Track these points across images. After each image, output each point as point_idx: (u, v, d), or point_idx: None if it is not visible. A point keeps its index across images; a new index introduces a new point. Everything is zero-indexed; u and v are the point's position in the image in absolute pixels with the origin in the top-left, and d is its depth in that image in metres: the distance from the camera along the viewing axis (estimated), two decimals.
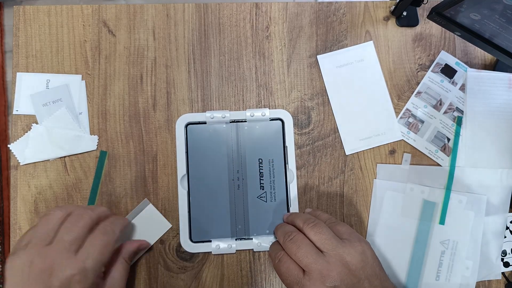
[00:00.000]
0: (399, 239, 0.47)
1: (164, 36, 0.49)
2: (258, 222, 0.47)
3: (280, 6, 0.50)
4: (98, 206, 0.42)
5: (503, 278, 0.48)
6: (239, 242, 0.46)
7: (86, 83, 0.48)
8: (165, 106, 0.48)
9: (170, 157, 0.47)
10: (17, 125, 0.47)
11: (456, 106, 0.50)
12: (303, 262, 0.37)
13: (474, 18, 0.39)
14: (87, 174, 0.47)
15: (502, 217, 0.48)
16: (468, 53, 0.51)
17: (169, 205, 0.47)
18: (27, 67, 0.47)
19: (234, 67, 0.49)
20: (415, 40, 0.51)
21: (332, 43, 0.50)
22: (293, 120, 0.48)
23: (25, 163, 0.46)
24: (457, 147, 0.49)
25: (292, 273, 0.38)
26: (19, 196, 0.46)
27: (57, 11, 0.48)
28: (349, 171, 0.49)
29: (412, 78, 0.50)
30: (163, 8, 0.49)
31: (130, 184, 0.47)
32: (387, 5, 0.51)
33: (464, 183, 0.48)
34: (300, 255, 0.38)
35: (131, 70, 0.48)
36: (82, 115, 0.47)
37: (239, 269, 0.47)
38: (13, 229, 0.46)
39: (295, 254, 0.38)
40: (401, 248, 0.47)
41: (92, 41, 0.48)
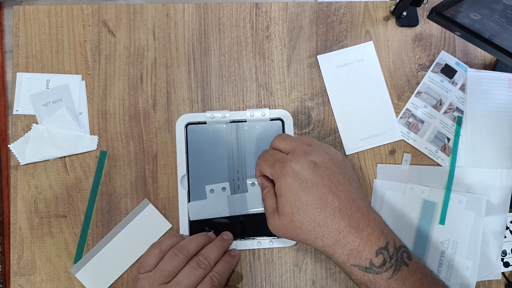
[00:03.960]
0: None
1: (164, 36, 0.49)
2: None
3: (280, 6, 0.50)
4: (217, 246, 0.43)
5: (503, 278, 0.48)
6: (239, 242, 0.46)
7: (86, 83, 0.48)
8: (165, 106, 0.48)
9: (170, 157, 0.47)
10: (17, 125, 0.47)
11: (456, 106, 0.50)
12: (288, 146, 0.40)
13: (474, 18, 0.39)
14: (87, 174, 0.47)
15: (502, 217, 0.48)
16: (468, 53, 0.51)
17: (169, 205, 0.47)
18: (27, 67, 0.47)
19: (234, 67, 0.49)
20: (415, 40, 0.51)
21: (332, 43, 0.50)
22: (293, 120, 0.48)
23: (25, 163, 0.46)
24: (457, 147, 0.49)
25: (276, 155, 0.40)
26: (19, 196, 0.46)
27: (57, 11, 0.48)
28: None
29: (412, 78, 0.50)
30: (163, 8, 0.49)
31: (130, 184, 0.47)
32: (387, 5, 0.51)
33: (464, 183, 0.48)
34: (286, 142, 0.41)
35: (131, 70, 0.48)
36: (82, 115, 0.47)
37: (239, 269, 0.47)
38: (13, 229, 0.46)
39: (280, 143, 0.41)
40: None
41: (92, 41, 0.48)
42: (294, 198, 0.37)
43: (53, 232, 0.46)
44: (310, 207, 0.37)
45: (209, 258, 0.41)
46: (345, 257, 0.36)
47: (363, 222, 0.36)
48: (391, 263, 0.36)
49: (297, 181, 0.37)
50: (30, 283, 0.45)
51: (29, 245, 0.45)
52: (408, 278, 0.36)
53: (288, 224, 0.38)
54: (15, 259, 0.45)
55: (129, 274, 0.45)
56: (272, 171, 0.40)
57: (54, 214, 0.46)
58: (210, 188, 0.46)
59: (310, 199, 0.37)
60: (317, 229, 0.37)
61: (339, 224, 0.36)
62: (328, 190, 0.37)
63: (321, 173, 0.37)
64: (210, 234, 0.45)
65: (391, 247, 0.36)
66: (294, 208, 0.37)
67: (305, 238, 0.38)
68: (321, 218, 0.36)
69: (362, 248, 0.36)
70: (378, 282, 0.35)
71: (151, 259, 0.40)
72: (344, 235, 0.36)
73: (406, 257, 0.37)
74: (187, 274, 0.39)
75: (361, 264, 0.36)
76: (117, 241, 0.46)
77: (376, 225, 0.37)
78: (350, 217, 0.36)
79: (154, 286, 0.39)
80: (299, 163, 0.38)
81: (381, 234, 0.36)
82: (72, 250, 0.46)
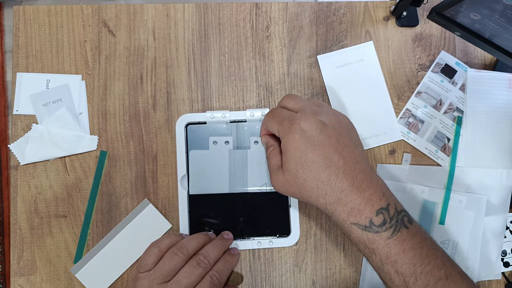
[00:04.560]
0: None
1: (164, 36, 0.49)
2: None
3: (280, 6, 0.50)
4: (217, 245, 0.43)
5: (503, 278, 0.48)
6: (239, 242, 0.46)
7: (86, 83, 0.48)
8: (165, 106, 0.48)
9: (170, 157, 0.47)
10: (17, 125, 0.47)
11: (456, 106, 0.50)
12: (298, 105, 0.40)
13: (474, 18, 0.39)
14: (87, 174, 0.47)
15: (502, 217, 0.48)
16: (468, 53, 0.51)
17: (169, 205, 0.47)
18: (27, 67, 0.47)
19: (234, 67, 0.49)
20: (415, 40, 0.51)
21: (332, 43, 0.50)
22: None
23: (25, 163, 0.46)
24: (457, 147, 0.49)
25: (285, 113, 0.40)
26: (19, 196, 0.46)
27: (57, 11, 0.48)
28: None
29: (412, 78, 0.50)
30: (163, 8, 0.49)
31: (130, 184, 0.47)
32: (387, 5, 0.51)
33: (464, 183, 0.48)
34: (296, 101, 0.40)
35: (131, 70, 0.48)
36: (82, 115, 0.47)
37: (239, 269, 0.47)
38: (13, 229, 0.46)
39: (289, 102, 0.41)
40: None
41: (92, 41, 0.48)
42: (300, 155, 0.37)
43: (53, 232, 0.46)
44: (315, 165, 0.37)
45: (208, 257, 0.41)
46: (346, 215, 0.36)
47: (365, 183, 0.37)
48: (391, 223, 0.36)
49: (304, 138, 0.37)
50: (30, 283, 0.45)
51: (29, 245, 0.45)
52: (408, 240, 0.36)
53: (292, 180, 0.38)
54: (15, 259, 0.45)
55: (129, 274, 0.45)
56: (279, 128, 0.40)
57: (54, 214, 0.46)
58: (213, 140, 0.46)
59: (316, 157, 0.37)
60: (320, 187, 0.37)
61: (342, 182, 0.36)
62: (334, 150, 0.37)
63: (329, 133, 0.38)
64: (210, 234, 0.45)
65: (392, 208, 0.36)
66: (299, 165, 0.38)
67: (307, 195, 0.38)
68: (325, 176, 0.37)
69: (363, 207, 0.36)
70: (376, 241, 0.36)
71: (150, 258, 0.40)
72: (346, 194, 0.36)
73: (407, 220, 0.37)
74: (187, 273, 0.39)
75: (361, 223, 0.36)
76: (117, 241, 0.46)
77: (379, 187, 0.37)
78: (353, 177, 0.37)
79: (153, 285, 0.39)
80: (308, 122, 0.38)
81: (382, 195, 0.37)
82: (72, 250, 0.46)
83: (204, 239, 0.43)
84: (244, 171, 0.46)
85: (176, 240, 0.42)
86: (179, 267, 0.40)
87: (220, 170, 0.46)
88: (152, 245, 0.41)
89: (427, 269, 0.35)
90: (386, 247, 0.36)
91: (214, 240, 0.43)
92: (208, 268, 0.41)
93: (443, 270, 0.36)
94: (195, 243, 0.42)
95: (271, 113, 0.42)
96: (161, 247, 0.41)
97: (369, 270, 0.47)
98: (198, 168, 0.46)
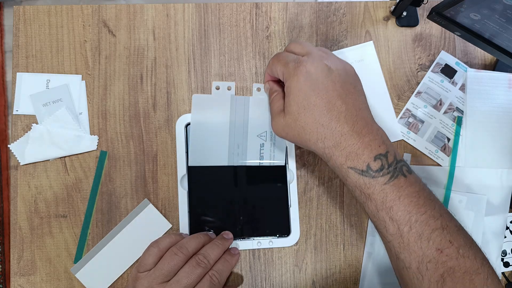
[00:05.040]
0: None
1: (164, 36, 0.49)
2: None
3: (280, 6, 0.50)
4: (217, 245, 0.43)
5: (503, 278, 0.48)
6: (239, 242, 0.46)
7: (86, 83, 0.48)
8: (165, 106, 0.48)
9: (170, 157, 0.47)
10: (17, 125, 0.47)
11: (456, 106, 0.50)
12: (305, 49, 0.40)
13: (474, 18, 0.39)
14: (87, 174, 0.47)
15: (502, 217, 0.48)
16: (468, 53, 0.51)
17: (169, 205, 0.47)
18: (27, 67, 0.47)
19: (234, 67, 0.49)
20: (415, 40, 0.51)
21: (332, 43, 0.50)
22: None
23: (25, 163, 0.46)
24: (457, 147, 0.49)
25: (291, 56, 0.40)
26: (19, 196, 0.46)
27: (57, 11, 0.48)
28: None
29: (412, 78, 0.50)
30: (163, 8, 0.49)
31: (130, 184, 0.47)
32: (387, 5, 0.51)
33: (464, 183, 0.48)
34: (302, 46, 0.40)
35: (131, 70, 0.48)
36: (82, 115, 0.47)
37: (239, 269, 0.47)
38: (13, 229, 0.46)
39: (296, 47, 0.41)
40: None
41: (92, 41, 0.48)
42: (303, 97, 0.37)
43: (53, 232, 0.46)
44: (317, 109, 0.37)
45: (208, 257, 0.41)
46: (343, 159, 0.36)
47: (366, 129, 0.36)
48: (388, 170, 0.35)
49: (309, 81, 0.37)
50: (30, 283, 0.45)
51: (29, 245, 0.45)
52: (404, 187, 0.35)
53: (292, 123, 0.38)
54: (15, 259, 0.45)
55: (129, 274, 0.45)
56: (284, 70, 0.39)
57: (54, 214, 0.46)
58: (216, 85, 0.46)
59: (319, 101, 0.37)
60: (320, 130, 0.37)
61: (343, 127, 0.36)
62: (337, 95, 0.37)
63: (334, 78, 0.38)
64: (210, 234, 0.45)
65: (391, 156, 0.36)
66: (301, 107, 0.37)
67: (307, 139, 0.38)
68: (326, 120, 0.37)
69: (361, 152, 0.36)
70: (372, 186, 0.35)
71: (150, 258, 0.40)
72: (345, 138, 0.36)
73: (406, 170, 0.36)
74: (187, 273, 0.39)
75: (358, 167, 0.36)
76: (117, 241, 0.46)
77: (379, 135, 0.37)
78: (354, 123, 0.36)
79: (153, 285, 0.39)
80: (314, 65, 0.38)
81: (382, 143, 0.36)
82: (72, 250, 0.46)
83: (204, 239, 0.43)
84: (245, 119, 0.46)
85: (176, 240, 0.42)
86: (179, 267, 0.40)
87: (221, 118, 0.46)
88: (152, 245, 0.41)
89: (422, 218, 0.34)
90: (382, 192, 0.35)
91: (214, 240, 0.43)
92: (208, 268, 0.41)
93: (439, 220, 0.35)
94: (195, 243, 0.42)
95: (277, 56, 0.41)
96: (161, 247, 0.41)
97: (369, 270, 0.47)
98: (200, 116, 0.46)
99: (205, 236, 0.43)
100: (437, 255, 0.34)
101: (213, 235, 0.45)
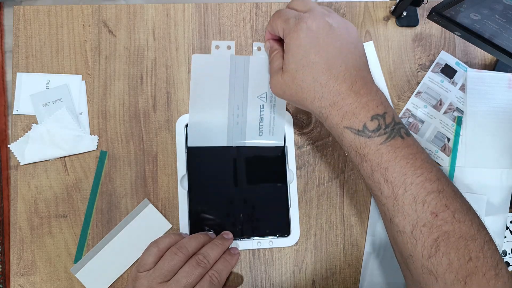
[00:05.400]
0: None
1: (164, 36, 0.49)
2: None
3: (280, 6, 0.50)
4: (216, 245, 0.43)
5: None
6: (239, 242, 0.46)
7: (86, 83, 0.48)
8: (165, 106, 0.48)
9: (170, 157, 0.47)
10: (17, 125, 0.47)
11: (456, 106, 0.50)
12: (307, 6, 0.39)
13: (474, 18, 0.39)
14: (87, 174, 0.46)
15: (502, 217, 0.48)
16: (468, 53, 0.51)
17: (169, 205, 0.47)
18: (27, 67, 0.47)
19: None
20: (415, 40, 0.51)
21: None
22: (293, 120, 0.48)
23: (25, 163, 0.46)
24: (457, 147, 0.49)
25: (292, 13, 0.39)
26: (19, 196, 0.46)
27: (57, 11, 0.48)
28: (349, 171, 0.49)
29: (412, 78, 0.50)
30: (163, 8, 0.49)
31: (130, 184, 0.47)
32: (387, 5, 0.51)
33: (464, 183, 0.48)
34: (305, 3, 0.39)
35: (131, 70, 0.48)
36: (82, 115, 0.47)
37: (239, 269, 0.47)
38: (13, 229, 0.46)
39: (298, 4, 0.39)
40: None
41: (92, 41, 0.48)
42: (302, 55, 0.36)
43: (53, 232, 0.46)
44: (316, 67, 0.36)
45: (208, 257, 0.41)
46: (339, 119, 0.35)
47: (364, 90, 0.35)
48: (385, 130, 0.34)
49: (309, 38, 0.36)
50: (30, 283, 0.45)
51: (29, 245, 0.45)
52: (401, 148, 0.34)
53: (290, 81, 0.37)
54: (15, 259, 0.45)
55: (129, 274, 0.45)
56: (285, 26, 0.39)
57: (54, 214, 0.46)
58: (216, 44, 0.46)
59: (318, 58, 0.36)
60: (317, 89, 0.36)
61: (341, 86, 0.35)
62: (338, 54, 0.36)
63: (335, 36, 0.37)
64: (210, 234, 0.45)
65: (389, 117, 0.35)
66: (299, 65, 0.37)
67: (303, 98, 0.37)
68: (324, 79, 0.36)
69: (358, 111, 0.35)
70: (368, 146, 0.34)
71: (150, 257, 0.40)
72: (342, 97, 0.35)
73: (404, 132, 0.35)
74: (186, 273, 0.39)
75: (354, 127, 0.35)
76: (117, 241, 0.46)
77: (378, 96, 0.36)
78: (353, 82, 0.35)
79: (153, 285, 0.39)
80: (315, 21, 0.37)
81: (380, 103, 0.35)
82: (72, 250, 0.46)
83: (204, 239, 0.43)
84: (245, 80, 0.45)
85: (175, 240, 0.42)
86: (179, 266, 0.40)
87: (221, 78, 0.45)
88: (152, 245, 0.41)
89: (418, 180, 0.33)
90: (378, 152, 0.34)
91: (214, 239, 0.43)
92: (208, 268, 0.41)
93: (435, 184, 0.33)
94: (195, 242, 0.42)
95: (278, 12, 0.41)
96: (161, 247, 0.41)
97: (369, 270, 0.47)
98: (199, 76, 0.45)
99: (205, 236, 0.43)
100: (431, 218, 0.32)
101: (213, 235, 0.45)
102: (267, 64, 0.46)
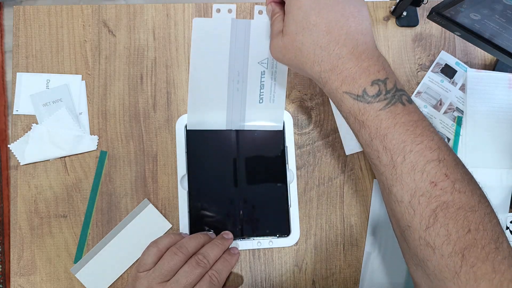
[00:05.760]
0: None
1: (164, 36, 0.49)
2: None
3: None
4: (216, 245, 0.43)
5: None
6: (239, 242, 0.46)
7: (86, 83, 0.48)
8: (165, 106, 0.48)
9: (170, 157, 0.47)
10: (17, 125, 0.47)
11: (456, 106, 0.50)
12: None
13: (474, 18, 0.39)
14: (87, 174, 0.47)
15: (502, 217, 0.48)
16: (468, 53, 0.51)
17: (169, 205, 0.47)
18: (27, 67, 0.47)
19: None
20: (415, 40, 0.51)
21: None
22: (293, 120, 0.48)
23: (25, 163, 0.46)
24: (457, 147, 0.49)
25: None
26: (19, 196, 0.46)
27: (57, 11, 0.48)
28: (349, 171, 0.49)
29: (412, 78, 0.50)
30: (163, 8, 0.49)
31: (130, 184, 0.47)
32: (387, 5, 0.51)
33: None
34: None
35: (131, 70, 0.48)
36: (82, 115, 0.47)
37: (239, 269, 0.47)
38: (13, 229, 0.46)
39: None
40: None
41: (92, 41, 0.48)
42: (302, 16, 0.35)
43: (53, 232, 0.46)
44: (316, 29, 0.35)
45: (208, 257, 0.41)
46: (339, 84, 0.34)
47: (366, 54, 0.34)
48: (386, 96, 0.33)
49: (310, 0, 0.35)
50: (30, 283, 0.45)
51: (29, 245, 0.45)
52: (401, 115, 0.32)
53: (289, 44, 0.36)
54: (15, 259, 0.45)
55: (129, 274, 0.45)
56: None
57: (54, 214, 0.46)
58: (217, 8, 0.44)
59: (319, 20, 0.35)
60: (317, 53, 0.35)
61: (341, 50, 0.34)
62: (340, 16, 0.35)
63: None
64: (210, 234, 0.45)
65: (390, 83, 0.33)
66: (299, 27, 0.35)
67: (303, 62, 0.36)
68: (325, 42, 0.34)
69: (358, 76, 0.33)
70: (367, 111, 0.33)
71: (150, 257, 0.40)
72: (343, 62, 0.34)
73: (406, 99, 0.33)
74: (186, 272, 0.39)
75: (353, 92, 0.33)
76: (117, 241, 0.46)
77: (380, 61, 0.34)
78: (354, 47, 0.34)
79: (153, 285, 0.39)
80: None
81: (382, 69, 0.34)
82: (72, 250, 0.46)
83: (203, 239, 0.43)
84: (246, 44, 0.44)
85: (175, 240, 0.42)
86: (179, 266, 0.40)
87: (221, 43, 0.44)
88: (152, 245, 0.41)
89: (417, 148, 0.31)
90: (377, 118, 0.33)
91: (214, 239, 0.43)
92: (208, 268, 0.41)
93: (436, 152, 0.31)
94: (194, 242, 0.42)
95: None
96: (161, 247, 0.41)
97: (369, 270, 0.47)
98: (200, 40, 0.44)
99: (204, 236, 0.43)
100: (430, 188, 0.31)
101: (213, 235, 0.45)
102: (268, 28, 0.44)
